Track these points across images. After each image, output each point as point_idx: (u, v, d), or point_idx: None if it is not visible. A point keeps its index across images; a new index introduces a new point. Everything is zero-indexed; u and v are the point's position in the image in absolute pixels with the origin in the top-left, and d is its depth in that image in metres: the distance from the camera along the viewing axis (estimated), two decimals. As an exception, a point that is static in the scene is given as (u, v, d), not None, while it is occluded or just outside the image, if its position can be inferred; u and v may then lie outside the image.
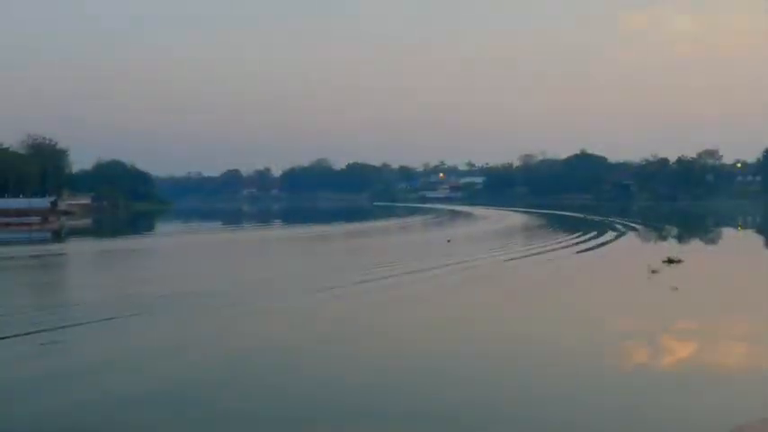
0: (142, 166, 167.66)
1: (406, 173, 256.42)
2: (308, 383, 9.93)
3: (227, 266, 26.71)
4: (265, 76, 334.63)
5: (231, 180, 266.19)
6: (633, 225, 52.62)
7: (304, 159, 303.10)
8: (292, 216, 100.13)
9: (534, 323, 14.55)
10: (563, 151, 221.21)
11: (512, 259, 27.57)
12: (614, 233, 43.03)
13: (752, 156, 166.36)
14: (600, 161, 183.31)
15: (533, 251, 30.71)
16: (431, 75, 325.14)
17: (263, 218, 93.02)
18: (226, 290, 18.44)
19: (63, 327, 13.77)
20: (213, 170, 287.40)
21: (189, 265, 27.77)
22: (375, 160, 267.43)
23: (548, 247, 32.45)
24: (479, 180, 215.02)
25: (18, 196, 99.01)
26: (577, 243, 35.07)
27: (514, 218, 71.63)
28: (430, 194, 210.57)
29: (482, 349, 12.04)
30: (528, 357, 11.54)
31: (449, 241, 37.19)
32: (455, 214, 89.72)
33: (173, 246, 39.99)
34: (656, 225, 53.80)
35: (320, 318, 14.77)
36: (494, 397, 9.38)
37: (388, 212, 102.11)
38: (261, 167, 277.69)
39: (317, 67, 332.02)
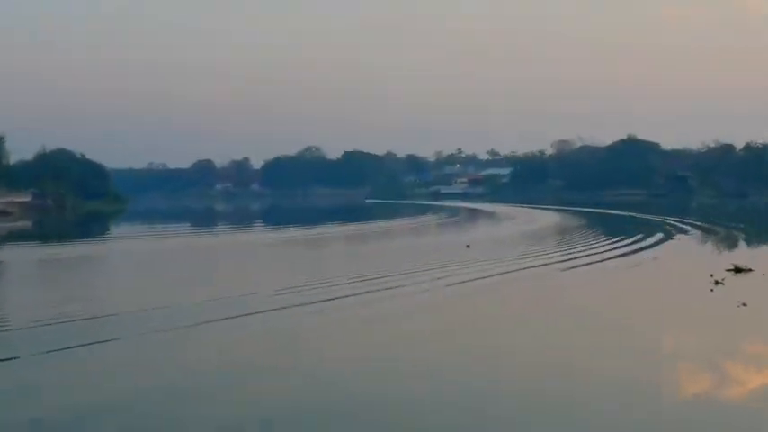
0: (95, 156, 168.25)
1: (414, 163, 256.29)
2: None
3: (182, 280, 26.51)
4: (242, 48, 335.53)
5: (202, 173, 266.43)
6: (692, 226, 52.48)
7: (290, 147, 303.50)
8: (276, 216, 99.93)
9: (577, 345, 14.61)
10: (606, 136, 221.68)
11: (541, 266, 27.62)
12: (669, 236, 42.96)
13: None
14: (651, 148, 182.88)
15: (571, 258, 30.68)
16: (444, 45, 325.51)
17: (241, 219, 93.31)
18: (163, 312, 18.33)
19: None
20: (180, 160, 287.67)
21: (139, 278, 27.72)
22: (377, 148, 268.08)
23: (589, 254, 32.43)
24: (504, 172, 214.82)
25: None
26: (625, 248, 35.00)
27: (547, 218, 71.54)
28: (445, 190, 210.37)
29: (528, 381, 12.08)
30: (573, 388, 11.61)
31: (468, 246, 37.03)
32: (475, 213, 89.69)
33: (126, 255, 40.09)
34: (720, 226, 53.65)
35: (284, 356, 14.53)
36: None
37: (392, 211, 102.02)
38: (238, 157, 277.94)
39: (304, 36, 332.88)
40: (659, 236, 42.03)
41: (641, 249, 35.02)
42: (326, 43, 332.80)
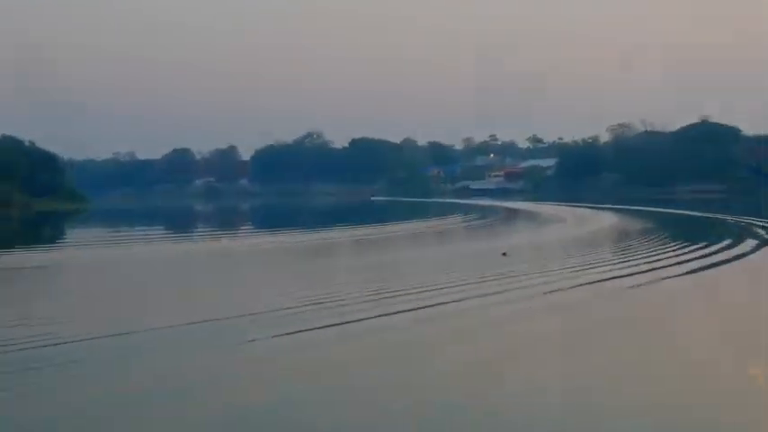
0: (47, 144, 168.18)
1: (438, 153, 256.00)
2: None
3: (152, 297, 26.51)
4: (228, 18, 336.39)
5: (178, 164, 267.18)
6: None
7: (286, 133, 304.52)
8: (268, 218, 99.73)
9: (653, 385, 13.78)
10: (674, 119, 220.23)
11: (601, 281, 26.88)
12: (757, 243, 41.89)
13: None
14: (730, 133, 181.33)
15: (639, 272, 29.75)
16: (469, 5, 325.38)
17: (226, 221, 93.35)
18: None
19: None
20: (152, 150, 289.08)
21: (94, 295, 27.24)
22: (393, 134, 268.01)
23: (658, 266, 31.54)
24: (549, 163, 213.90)
25: None
26: (703, 259, 34.02)
27: (602, 219, 70.94)
28: (475, 185, 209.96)
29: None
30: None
31: (504, 254, 36.88)
32: (512, 214, 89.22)
33: (83, 265, 40.00)
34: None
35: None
36: None
37: (409, 212, 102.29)
38: (222, 145, 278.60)
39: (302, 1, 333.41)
40: (750, 244, 40.90)
41: (725, 258, 34.05)
42: (329, 7, 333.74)
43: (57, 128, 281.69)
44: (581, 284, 26.41)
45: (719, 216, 68.81)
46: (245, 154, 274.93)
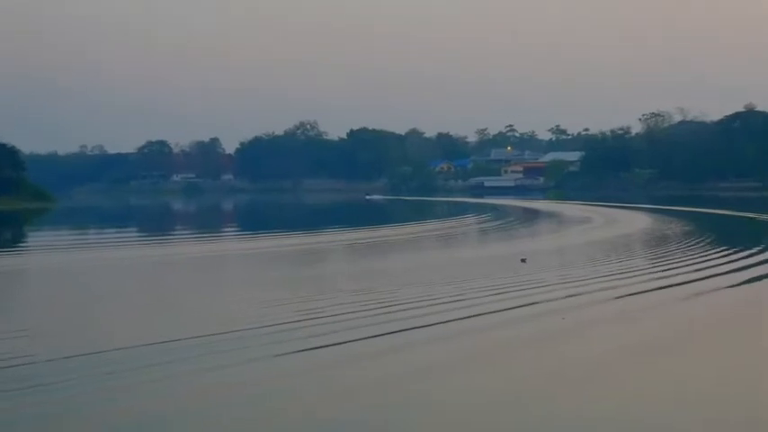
0: (5, 137, 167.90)
1: (448, 145, 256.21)
2: None
3: (122, 309, 26.38)
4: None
5: (153, 158, 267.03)
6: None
7: (275, 124, 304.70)
8: (254, 218, 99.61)
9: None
10: (715, 108, 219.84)
11: (637, 293, 26.79)
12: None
13: None
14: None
15: (679, 283, 29.63)
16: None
17: (207, 221, 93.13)
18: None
19: None
20: (124, 143, 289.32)
21: (56, 307, 27.26)
22: (397, 125, 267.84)
23: (706, 275, 31.50)
24: (573, 157, 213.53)
25: None
26: (755, 269, 33.84)
27: (634, 221, 70.88)
28: (490, 182, 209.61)
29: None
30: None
31: (523, 261, 36.93)
32: (532, 215, 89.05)
33: (46, 272, 40.01)
34: None
35: None
36: None
37: (412, 213, 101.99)
38: (203, 138, 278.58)
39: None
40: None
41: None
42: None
43: (14, 117, 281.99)
44: (608, 298, 26.36)
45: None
46: (229, 147, 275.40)
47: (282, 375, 16.81)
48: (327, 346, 19.14)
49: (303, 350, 18.77)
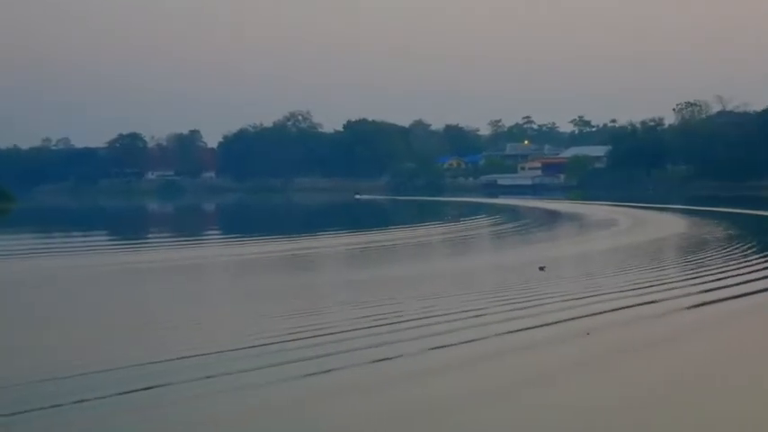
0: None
1: (457, 138, 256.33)
2: None
3: (92, 325, 26.38)
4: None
5: (126, 154, 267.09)
6: None
7: (263, 115, 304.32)
8: (239, 220, 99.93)
9: None
10: (758, 98, 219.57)
11: (666, 315, 26.36)
12: None
13: None
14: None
15: (724, 297, 29.33)
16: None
17: (187, 224, 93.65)
18: None
19: None
20: (93, 136, 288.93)
21: (20, 323, 27.19)
22: (400, 116, 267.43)
23: (752, 289, 31.26)
24: (599, 152, 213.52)
25: None
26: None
27: (667, 223, 71.01)
28: (504, 180, 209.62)
29: None
30: None
31: (542, 269, 36.99)
32: (552, 217, 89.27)
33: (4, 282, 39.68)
34: None
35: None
36: None
37: (415, 214, 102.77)
38: (182, 130, 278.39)
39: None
40: None
41: None
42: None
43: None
44: (642, 315, 26.19)
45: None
46: (211, 140, 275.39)
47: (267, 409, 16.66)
48: (324, 372, 19.08)
49: (308, 375, 18.72)
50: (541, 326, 23.77)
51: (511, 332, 22.99)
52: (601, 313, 25.74)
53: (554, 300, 28.28)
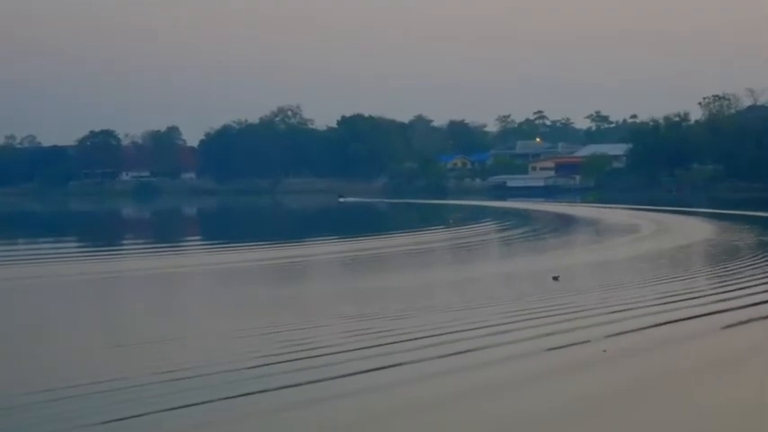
0: None
1: (462, 135, 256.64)
2: None
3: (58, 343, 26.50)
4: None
5: (98, 153, 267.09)
6: None
7: (248, 110, 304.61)
8: (221, 226, 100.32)
9: None
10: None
11: (700, 335, 26.16)
12: None
13: None
14: None
15: (744, 319, 28.97)
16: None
17: (164, 230, 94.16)
18: None
19: None
20: (62, 134, 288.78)
21: None
22: (399, 111, 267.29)
23: None
24: (618, 150, 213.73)
25: None
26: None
27: (692, 228, 71.34)
28: (514, 181, 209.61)
29: None
30: None
31: (555, 279, 37.26)
32: (567, 222, 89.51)
33: None
34: None
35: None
36: None
37: (413, 218, 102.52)
38: (159, 127, 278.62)
39: None
40: None
41: None
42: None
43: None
44: (670, 334, 26.09)
45: None
46: (191, 138, 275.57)
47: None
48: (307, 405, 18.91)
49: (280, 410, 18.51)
50: (559, 347, 23.56)
51: (524, 352, 22.87)
52: (623, 333, 25.36)
53: (569, 313, 28.28)
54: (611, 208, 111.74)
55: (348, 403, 18.36)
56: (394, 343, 23.79)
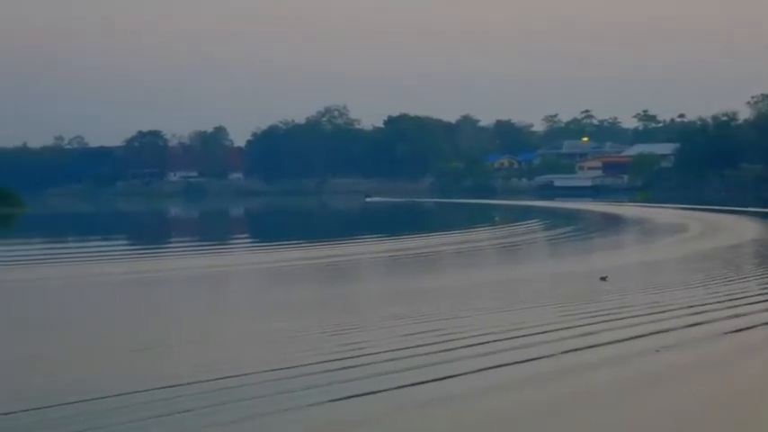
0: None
1: (509, 135, 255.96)
2: None
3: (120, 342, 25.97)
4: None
5: (146, 154, 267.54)
6: None
7: (295, 110, 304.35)
8: (268, 225, 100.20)
9: None
10: None
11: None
12: None
13: None
14: None
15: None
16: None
17: (212, 229, 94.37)
18: None
19: None
20: (109, 134, 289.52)
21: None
22: (446, 111, 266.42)
23: None
24: (666, 150, 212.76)
25: None
26: None
27: (741, 228, 70.84)
28: (561, 181, 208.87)
29: None
30: None
31: (603, 279, 36.95)
32: (614, 222, 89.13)
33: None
34: None
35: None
36: None
37: (456, 218, 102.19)
38: (206, 127, 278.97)
39: None
40: None
41: None
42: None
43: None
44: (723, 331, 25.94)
45: None
46: (239, 138, 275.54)
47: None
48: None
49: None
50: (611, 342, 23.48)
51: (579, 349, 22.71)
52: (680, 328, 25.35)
53: (616, 314, 28.09)
54: (659, 207, 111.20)
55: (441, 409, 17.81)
56: (460, 348, 23.09)
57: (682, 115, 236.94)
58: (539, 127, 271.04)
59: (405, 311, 29.39)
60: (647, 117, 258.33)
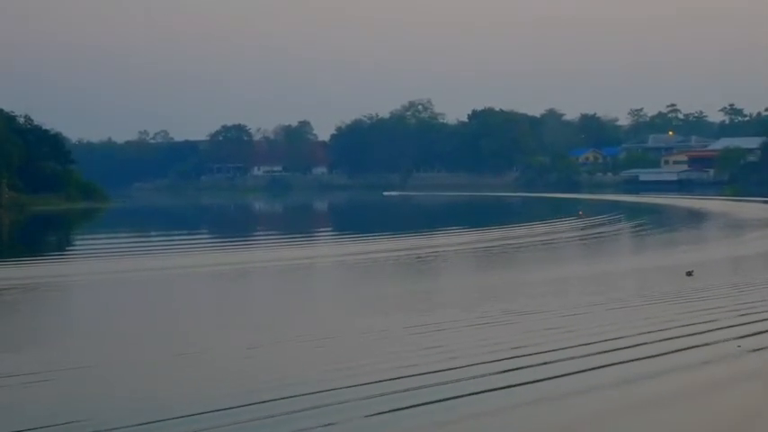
0: (50, 121, 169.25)
1: (594, 129, 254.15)
2: None
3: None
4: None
5: (230, 148, 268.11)
6: None
7: (379, 104, 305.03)
8: (350, 217, 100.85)
9: None
10: None
11: None
12: None
13: None
14: None
15: None
16: None
17: (297, 222, 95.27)
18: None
19: None
20: (194, 129, 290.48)
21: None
22: (530, 105, 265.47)
23: None
24: (753, 143, 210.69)
25: None
26: None
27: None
28: (647, 175, 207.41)
29: None
30: None
31: (689, 274, 36.27)
32: (699, 216, 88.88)
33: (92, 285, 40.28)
34: None
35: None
36: None
37: (529, 212, 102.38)
38: (291, 121, 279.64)
39: None
40: None
41: None
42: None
43: (58, 99, 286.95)
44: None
45: None
46: (323, 132, 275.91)
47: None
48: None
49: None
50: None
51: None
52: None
53: (704, 312, 27.53)
54: (746, 202, 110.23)
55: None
56: (588, 344, 22.24)
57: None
58: (624, 121, 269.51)
59: (508, 306, 29.05)
60: (733, 111, 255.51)
